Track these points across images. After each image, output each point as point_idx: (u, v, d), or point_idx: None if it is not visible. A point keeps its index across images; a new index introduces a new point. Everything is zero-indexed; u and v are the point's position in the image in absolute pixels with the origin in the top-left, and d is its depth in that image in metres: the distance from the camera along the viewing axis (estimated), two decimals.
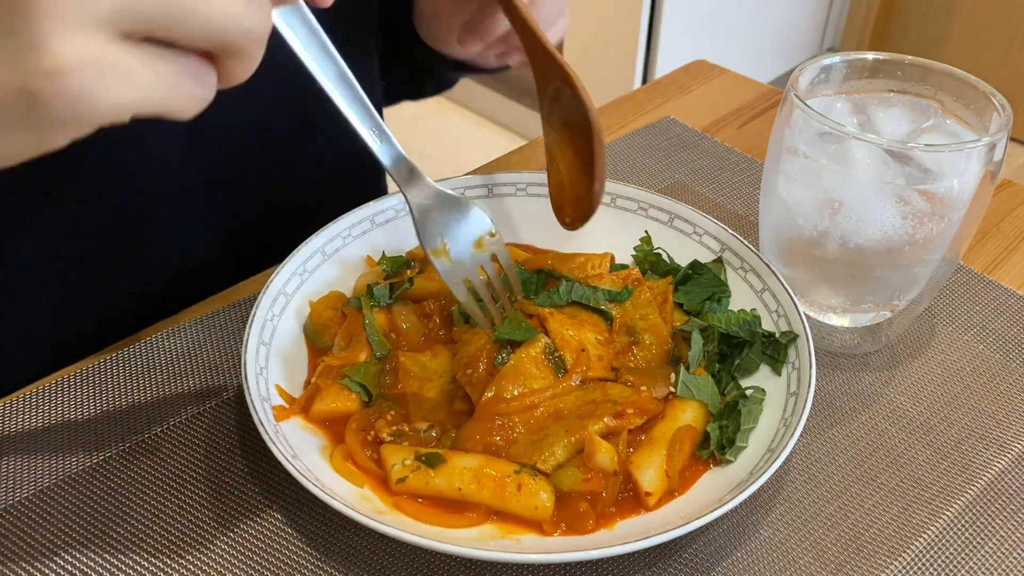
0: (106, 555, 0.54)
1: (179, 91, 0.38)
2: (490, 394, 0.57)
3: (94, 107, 0.35)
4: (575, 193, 0.61)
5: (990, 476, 0.60)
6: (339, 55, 0.48)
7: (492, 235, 0.57)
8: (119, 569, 0.53)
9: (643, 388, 0.60)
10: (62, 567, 0.53)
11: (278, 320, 0.64)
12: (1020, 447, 0.62)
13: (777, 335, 0.62)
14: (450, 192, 0.56)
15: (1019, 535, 0.57)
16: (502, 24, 0.63)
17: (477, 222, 0.57)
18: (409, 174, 0.55)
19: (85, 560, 0.54)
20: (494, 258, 0.58)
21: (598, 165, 0.57)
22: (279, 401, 0.59)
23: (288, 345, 0.64)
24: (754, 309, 0.65)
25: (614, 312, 0.64)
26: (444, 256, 0.56)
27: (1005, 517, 0.58)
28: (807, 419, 0.55)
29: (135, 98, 0.36)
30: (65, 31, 0.34)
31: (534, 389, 0.58)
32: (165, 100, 0.37)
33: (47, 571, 0.53)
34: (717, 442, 0.57)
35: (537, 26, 0.59)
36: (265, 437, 0.53)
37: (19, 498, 0.57)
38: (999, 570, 0.55)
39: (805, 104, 0.59)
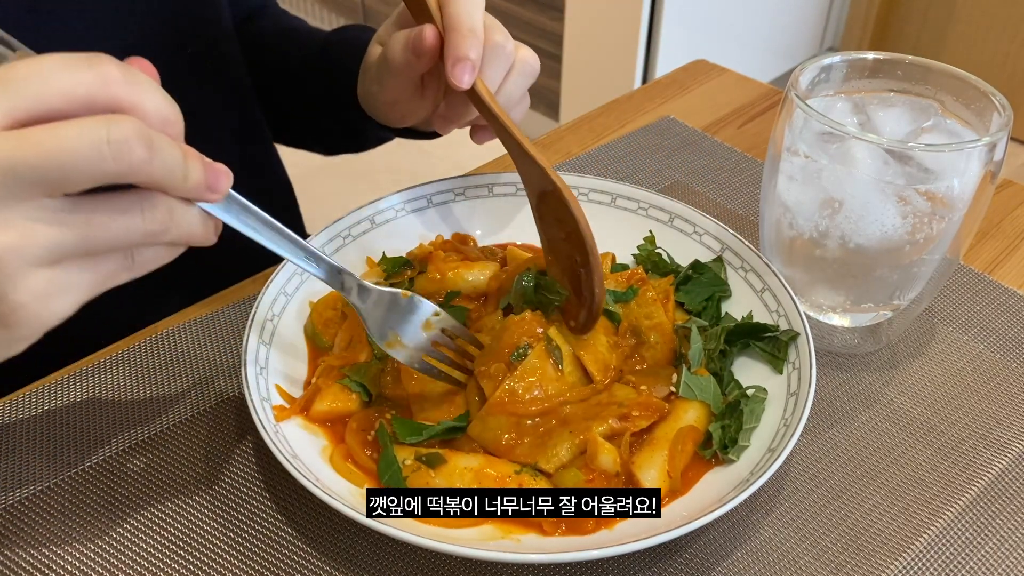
0: (106, 554, 0.54)
1: (118, 274, 0.44)
2: (506, 387, 0.56)
3: (52, 318, 0.42)
4: (575, 295, 0.61)
5: (991, 476, 0.60)
6: (254, 205, 0.49)
7: (436, 315, 0.59)
8: (119, 569, 0.53)
9: (643, 388, 0.59)
10: (62, 567, 0.53)
11: (278, 320, 0.64)
12: (1020, 447, 0.62)
13: (778, 333, 0.62)
14: (388, 290, 0.58)
15: (1019, 535, 0.57)
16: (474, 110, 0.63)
17: (420, 309, 0.59)
18: (350, 284, 0.56)
19: (85, 560, 0.54)
20: (444, 331, 0.60)
21: (596, 277, 0.57)
22: (279, 401, 0.59)
23: (288, 345, 0.64)
24: (751, 312, 0.65)
25: (619, 313, 0.63)
26: (399, 346, 0.58)
27: (1006, 517, 0.58)
28: (807, 419, 0.55)
29: (84, 296, 0.43)
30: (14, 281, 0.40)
31: (549, 393, 0.57)
32: (110, 282, 0.44)
33: (47, 571, 0.53)
34: (719, 442, 0.57)
35: (515, 128, 0.59)
36: (265, 437, 0.53)
37: (19, 497, 0.57)
38: (999, 570, 0.55)
39: (805, 104, 0.59)
